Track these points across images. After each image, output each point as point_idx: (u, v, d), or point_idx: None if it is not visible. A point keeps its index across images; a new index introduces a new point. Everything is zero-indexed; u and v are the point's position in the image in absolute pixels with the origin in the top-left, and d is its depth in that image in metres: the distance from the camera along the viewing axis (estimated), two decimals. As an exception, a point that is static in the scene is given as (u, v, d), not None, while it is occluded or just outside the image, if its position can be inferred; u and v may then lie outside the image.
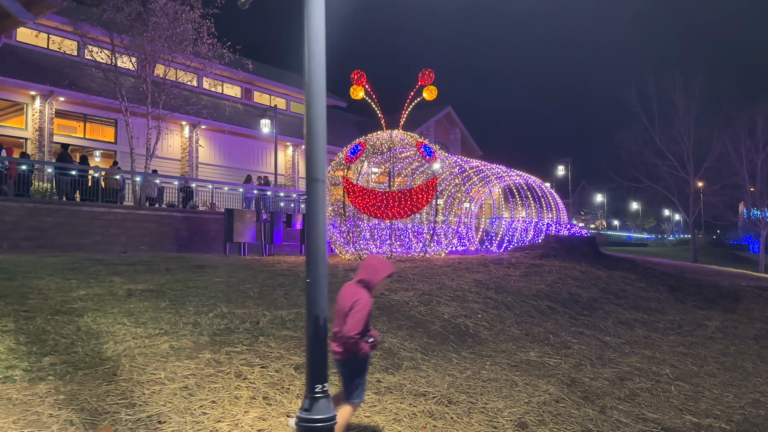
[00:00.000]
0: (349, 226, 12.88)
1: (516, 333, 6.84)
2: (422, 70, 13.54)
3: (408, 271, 9.32)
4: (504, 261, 11.09)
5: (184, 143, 27.69)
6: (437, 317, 6.86)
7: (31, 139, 22.38)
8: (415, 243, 14.48)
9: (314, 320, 3.23)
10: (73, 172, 14.81)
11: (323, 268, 3.26)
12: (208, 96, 32.33)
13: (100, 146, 25.21)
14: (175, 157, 27.51)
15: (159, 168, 26.41)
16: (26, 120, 22.69)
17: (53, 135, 22.77)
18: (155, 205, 19.91)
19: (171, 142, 27.18)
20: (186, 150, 27.60)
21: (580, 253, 12.35)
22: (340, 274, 8.72)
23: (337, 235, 13.18)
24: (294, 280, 8.05)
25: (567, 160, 45.07)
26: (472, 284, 8.52)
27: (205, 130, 28.36)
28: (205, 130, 28.36)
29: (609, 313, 8.53)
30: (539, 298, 8.49)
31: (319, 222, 3.22)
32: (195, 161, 27.66)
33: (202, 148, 28.18)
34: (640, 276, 11.37)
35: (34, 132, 22.44)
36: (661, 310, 9.31)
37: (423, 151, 12.82)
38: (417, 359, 5.66)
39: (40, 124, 22.40)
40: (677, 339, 7.82)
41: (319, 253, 3.26)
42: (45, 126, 22.47)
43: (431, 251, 13.08)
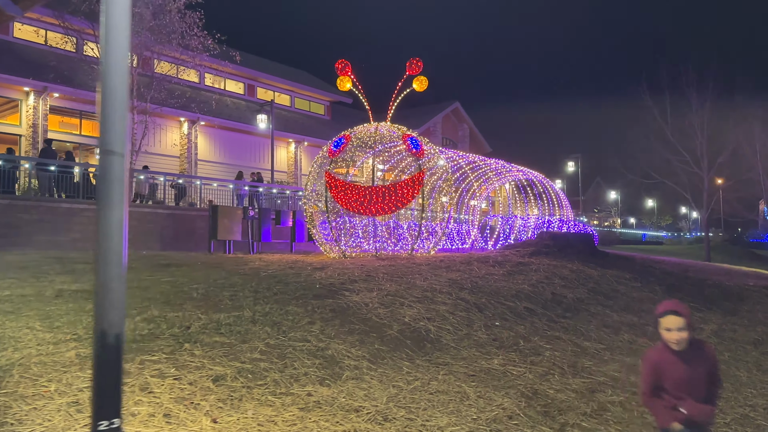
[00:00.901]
0: (331, 223, 12.32)
1: (482, 338, 6.23)
2: (410, 59, 12.94)
3: (380, 270, 8.74)
4: (490, 259, 10.46)
5: (182, 140, 27.30)
6: (397, 320, 6.28)
7: (26, 135, 22.10)
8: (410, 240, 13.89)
9: (101, 336, 2.52)
10: (52, 167, 14.41)
11: (117, 269, 2.59)
12: (209, 92, 31.97)
13: (94, 142, 24.91)
14: (173, 154, 27.15)
15: (157, 165, 26.08)
16: (20, 117, 22.43)
17: (47, 132, 22.47)
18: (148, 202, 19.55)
19: (169, 139, 26.86)
20: (185, 146, 27.20)
21: (574, 250, 11.68)
22: (305, 273, 8.18)
23: (322, 233, 12.63)
24: (250, 280, 7.51)
25: (577, 157, 44.15)
26: (445, 284, 7.92)
27: (204, 127, 27.97)
28: (205, 126, 27.97)
29: (594, 316, 7.89)
30: (518, 298, 7.86)
31: (114, 206, 2.62)
32: (194, 158, 27.26)
33: (201, 144, 27.80)
34: (635, 275, 10.68)
35: (28, 129, 22.16)
36: (653, 312, 8.61)
37: (409, 144, 12.22)
38: (362, 368, 5.08)
39: (34, 121, 22.11)
40: (666, 344, 7.15)
41: (111, 248, 2.61)
42: (39, 122, 22.18)
43: (418, 249, 12.49)
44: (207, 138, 28.14)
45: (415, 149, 12.15)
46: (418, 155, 12.26)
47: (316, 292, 6.99)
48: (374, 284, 7.60)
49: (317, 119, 37.67)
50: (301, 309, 6.24)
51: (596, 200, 76.37)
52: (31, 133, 21.96)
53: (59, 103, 22.74)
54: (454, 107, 41.47)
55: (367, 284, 7.57)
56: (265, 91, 36.53)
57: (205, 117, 27.45)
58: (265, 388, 4.49)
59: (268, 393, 4.41)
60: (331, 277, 7.89)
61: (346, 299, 6.75)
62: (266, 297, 6.57)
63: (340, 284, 7.45)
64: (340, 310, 6.37)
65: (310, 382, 4.68)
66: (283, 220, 16.29)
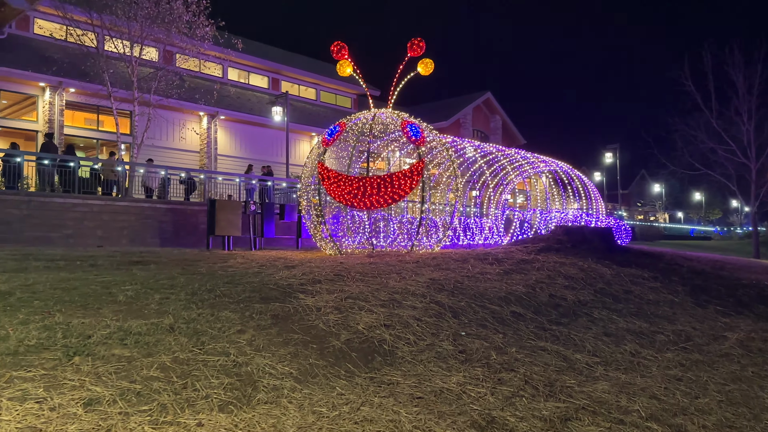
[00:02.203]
0: (324, 218, 11.49)
1: (447, 349, 5.29)
2: (411, 40, 11.99)
3: (357, 268, 7.86)
4: (490, 256, 9.46)
5: (202, 134, 26.92)
6: (348, 328, 5.40)
7: (42, 131, 21.99)
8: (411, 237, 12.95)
9: None
10: (45, 161, 14.00)
11: None
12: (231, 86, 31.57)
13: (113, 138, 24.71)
14: (193, 149, 26.81)
15: (177, 160, 25.77)
16: (37, 112, 22.34)
17: (63, 127, 22.33)
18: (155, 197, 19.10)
19: (188, 133, 26.51)
20: (204, 141, 26.81)
21: (589, 246, 10.57)
22: (269, 272, 7.35)
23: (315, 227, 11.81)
24: (197, 281, 6.72)
25: (615, 147, 42.14)
26: (423, 285, 6.99)
27: (224, 121, 27.55)
28: (225, 120, 27.55)
29: (595, 322, 6.84)
30: (506, 302, 6.87)
31: None
32: (214, 152, 26.87)
33: (221, 139, 27.38)
34: (657, 274, 9.52)
35: (44, 124, 22.05)
36: (670, 317, 7.52)
37: (409, 131, 11.29)
38: (283, 389, 4.22)
39: (50, 116, 21.98)
40: (677, 356, 6.07)
41: None
42: (55, 118, 22.05)
43: (420, 246, 11.55)
44: (227, 132, 27.71)
45: (414, 137, 11.21)
46: (418, 143, 11.31)
47: (266, 294, 6.16)
48: (339, 285, 6.73)
49: (344, 113, 36.88)
50: (237, 315, 5.42)
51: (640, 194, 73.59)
52: (47, 128, 21.84)
53: (75, 98, 22.56)
54: (486, 98, 40.15)
55: (331, 285, 6.71)
56: (291, 85, 36.01)
57: (225, 111, 27.03)
58: (147, 415, 3.68)
59: (148, 422, 3.60)
60: (294, 276, 7.05)
61: (297, 303, 5.90)
62: (202, 300, 5.78)
63: (299, 285, 6.60)
64: (284, 316, 5.52)
65: (209, 407, 3.85)
66: (288, 214, 15.56)
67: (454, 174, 12.11)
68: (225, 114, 27.05)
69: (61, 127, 22.14)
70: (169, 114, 25.40)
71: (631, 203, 72.89)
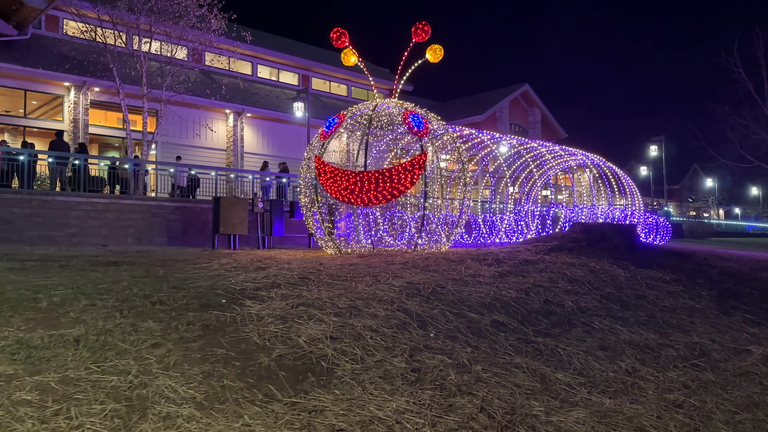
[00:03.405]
0: (322, 215, 10.84)
1: (398, 367, 4.54)
2: (415, 24, 11.21)
3: (330, 270, 7.16)
4: (491, 256, 8.62)
5: (228, 132, 26.70)
6: (286, 341, 4.71)
7: (68, 131, 22.09)
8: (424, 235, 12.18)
9: None
10: (49, 159, 13.80)
11: None
12: (260, 83, 31.37)
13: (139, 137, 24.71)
14: (220, 147, 26.62)
15: (203, 158, 25.62)
16: (63, 112, 22.47)
17: (88, 126, 22.39)
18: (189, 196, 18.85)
19: (216, 131, 26.34)
20: (230, 139, 26.58)
21: (608, 245, 9.59)
22: (229, 275, 6.71)
23: (315, 225, 11.18)
24: (138, 284, 6.14)
25: (660, 139, 40.05)
26: (396, 289, 6.24)
27: (251, 118, 27.26)
28: (252, 118, 27.25)
29: (592, 333, 5.95)
30: (489, 309, 6.06)
31: None
32: (240, 150, 26.62)
33: (247, 136, 27.12)
34: (680, 276, 8.50)
35: (69, 124, 22.14)
36: (686, 327, 6.55)
37: (410, 121, 10.52)
38: (178, 416, 3.57)
39: (75, 116, 22.05)
40: (682, 376, 5.16)
41: None
42: (80, 117, 22.11)
43: (423, 244, 10.78)
44: (254, 130, 27.43)
45: (417, 127, 10.43)
46: (421, 134, 10.53)
47: (209, 300, 5.53)
48: (299, 290, 6.05)
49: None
50: (161, 325, 4.80)
51: (693, 189, 70.28)
52: (72, 128, 21.93)
53: (99, 97, 22.57)
54: (523, 90, 38.82)
55: (290, 290, 6.03)
56: (324, 81, 35.62)
57: (251, 108, 26.74)
58: (-8, 450, 3.09)
59: (-12, 460, 3.00)
60: (253, 280, 6.40)
61: (239, 311, 5.24)
62: (132, 308, 5.19)
63: (254, 290, 5.95)
64: (217, 327, 4.88)
65: (73, 440, 3.23)
66: (298, 212, 14.99)
67: (463, 168, 11.27)
68: (251, 111, 26.76)
69: (86, 126, 22.20)
70: (195, 112, 25.29)
71: (683, 199, 69.70)
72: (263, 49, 31.96)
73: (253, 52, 31.74)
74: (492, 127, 35.82)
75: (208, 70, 28.64)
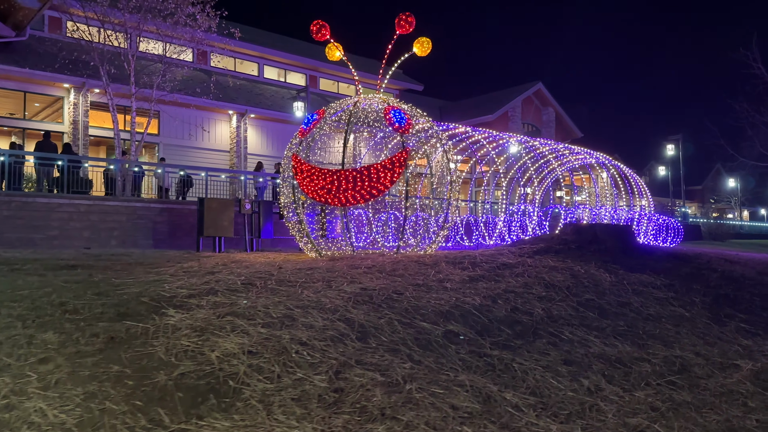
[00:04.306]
0: (301, 216, 10.35)
1: (318, 387, 4.00)
2: (398, 15, 10.69)
3: (281, 275, 6.65)
4: (467, 259, 8.03)
5: (232, 133, 26.40)
6: (196, 357, 4.21)
7: (68, 132, 21.94)
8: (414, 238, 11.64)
9: None
10: (30, 159, 13.51)
11: None
12: (266, 84, 31.09)
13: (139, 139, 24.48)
14: (223, 148, 26.33)
15: (206, 160, 25.34)
16: (63, 114, 22.32)
17: (88, 128, 22.21)
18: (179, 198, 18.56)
19: (218, 133, 26.07)
20: (234, 140, 26.28)
21: (600, 247, 8.96)
22: (167, 281, 6.23)
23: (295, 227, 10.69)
24: (68, 293, 5.68)
25: (677, 138, 38.90)
26: (346, 296, 5.71)
27: (254, 119, 26.93)
28: (255, 119, 26.92)
29: (559, 344, 5.36)
30: (446, 318, 5.50)
31: None
32: (243, 152, 26.29)
33: (251, 138, 26.81)
34: (673, 281, 7.84)
35: (69, 125, 21.99)
36: (669, 339, 5.91)
37: (392, 116, 9.99)
38: (37, 445, 3.09)
39: (75, 117, 21.89)
40: (652, 396, 4.55)
41: None
42: (80, 119, 21.95)
43: (406, 247, 10.23)
44: (257, 131, 27.09)
45: (398, 123, 9.90)
46: (402, 131, 9.99)
47: (128, 309, 5.06)
48: (235, 297, 5.55)
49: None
50: (62, 337, 4.34)
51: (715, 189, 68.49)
52: (72, 129, 21.76)
53: (101, 99, 22.35)
54: (536, 89, 37.97)
55: (225, 297, 5.53)
56: (332, 82, 35.25)
57: (255, 109, 26.41)
58: None
59: None
60: (191, 286, 5.92)
61: (158, 321, 4.76)
62: (40, 316, 4.74)
63: (186, 297, 5.47)
64: (123, 340, 4.40)
65: None
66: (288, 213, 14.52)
67: (447, 167, 10.69)
68: (255, 112, 26.44)
69: (86, 128, 22.02)
70: (198, 113, 25.03)
71: (706, 200, 67.93)
72: (270, 49, 31.68)
73: (259, 52, 31.50)
74: (503, 127, 35.08)
75: (212, 71, 28.38)
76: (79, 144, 21.83)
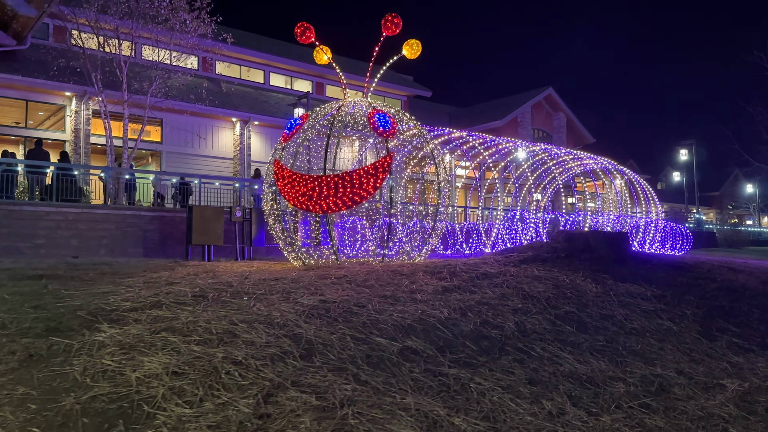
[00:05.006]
0: (283, 224, 10.04)
1: (241, 412, 3.64)
2: (385, 16, 10.37)
3: (242, 285, 6.31)
4: (447, 269, 7.64)
5: (235, 140, 26.26)
6: (115, 378, 3.88)
7: (69, 141, 21.92)
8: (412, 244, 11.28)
9: None
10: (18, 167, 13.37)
11: None
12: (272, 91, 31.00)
13: (144, 146, 24.40)
14: (227, 156, 26.19)
15: (210, 167, 25.21)
16: (65, 122, 22.31)
17: (90, 136, 22.16)
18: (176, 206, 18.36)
19: (222, 140, 25.95)
20: (237, 147, 26.14)
21: (591, 256, 8.51)
22: (117, 296, 5.92)
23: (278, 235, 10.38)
24: (20, 306, 5.40)
25: (690, 143, 38.08)
26: (300, 309, 5.35)
27: (258, 126, 26.77)
28: (259, 126, 26.76)
29: (526, 362, 4.95)
30: (407, 333, 5.12)
31: None
32: (247, 159, 26.15)
33: (255, 145, 26.66)
34: (665, 292, 7.37)
35: (71, 134, 21.96)
36: (650, 355, 5.47)
37: (376, 121, 9.66)
38: None
39: (76, 125, 21.87)
40: (623, 421, 4.12)
41: None
42: (81, 127, 21.92)
43: (393, 255, 9.87)
44: (261, 138, 26.91)
45: (382, 128, 9.56)
46: (386, 135, 9.64)
47: (63, 323, 4.75)
48: (181, 310, 5.22)
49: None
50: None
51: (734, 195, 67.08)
52: (73, 138, 21.71)
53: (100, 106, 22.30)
54: (547, 94, 37.47)
55: (169, 311, 5.20)
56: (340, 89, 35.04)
57: (258, 116, 26.26)
58: None
59: None
60: (138, 299, 5.61)
61: (87, 337, 4.45)
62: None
63: (128, 310, 5.15)
64: (43, 357, 4.08)
65: None
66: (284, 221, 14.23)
67: (437, 172, 10.31)
68: (258, 119, 26.29)
69: (87, 136, 21.98)
70: (201, 120, 24.93)
71: (724, 206, 66.63)
72: (275, 56, 31.61)
73: (265, 60, 31.42)
74: (512, 133, 34.61)
75: (216, 78, 28.35)
76: (81, 152, 21.79)
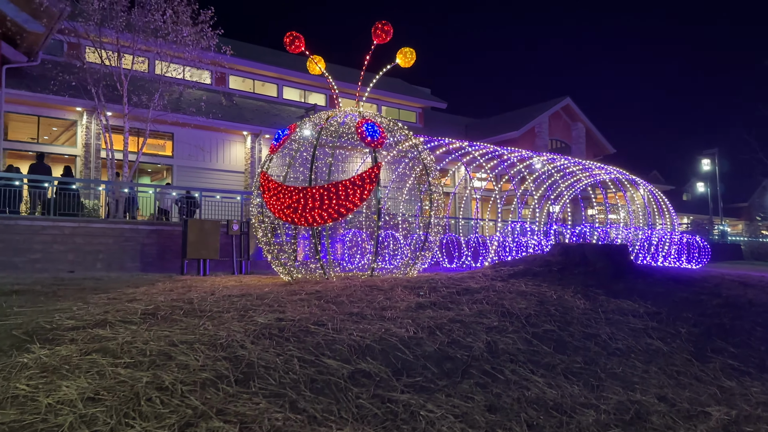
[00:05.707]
0: (269, 237, 9.77)
1: (152, 443, 3.33)
2: (375, 24, 10.11)
3: (200, 303, 6.01)
4: (428, 285, 7.27)
5: (247, 154, 26.23)
6: (23, 404, 3.59)
7: (80, 155, 22.06)
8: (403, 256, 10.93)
9: None
10: (16, 182, 13.35)
11: None
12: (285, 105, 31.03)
13: (156, 161, 24.49)
14: (238, 169, 26.16)
15: (221, 181, 25.20)
16: (76, 137, 22.47)
17: (100, 151, 22.24)
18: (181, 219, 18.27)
19: (233, 154, 25.95)
20: (248, 161, 26.09)
21: (586, 270, 8.07)
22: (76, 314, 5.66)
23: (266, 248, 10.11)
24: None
25: (713, 152, 37.08)
26: (252, 328, 5.03)
27: (269, 140, 26.66)
28: (270, 139, 26.65)
29: (490, 385, 4.55)
30: (363, 354, 4.76)
31: None
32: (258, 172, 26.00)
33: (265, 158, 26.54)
34: (661, 309, 6.90)
35: (81, 148, 22.10)
36: (632, 378, 5.02)
37: (364, 130, 9.36)
38: None
39: (87, 140, 21.99)
40: (583, 456, 3.71)
41: None
42: (92, 142, 22.03)
43: (382, 269, 9.52)
44: (274, 151, 26.82)
45: (370, 137, 9.26)
46: (374, 145, 9.34)
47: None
48: (123, 329, 4.93)
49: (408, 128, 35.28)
50: None
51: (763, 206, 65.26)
52: (84, 152, 21.83)
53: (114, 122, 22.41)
54: (565, 104, 36.85)
55: (111, 329, 4.92)
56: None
57: (269, 129, 26.18)
58: None
59: None
60: (83, 317, 5.35)
61: (14, 358, 4.19)
62: None
63: (68, 329, 4.89)
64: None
65: None
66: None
67: (429, 183, 9.96)
68: (270, 133, 26.21)
69: (97, 151, 22.08)
70: (212, 134, 24.96)
71: (752, 217, 64.76)
72: (289, 70, 31.66)
73: (278, 74, 31.52)
74: (529, 144, 34.07)
75: (228, 92, 28.45)
76: (91, 167, 21.89)
